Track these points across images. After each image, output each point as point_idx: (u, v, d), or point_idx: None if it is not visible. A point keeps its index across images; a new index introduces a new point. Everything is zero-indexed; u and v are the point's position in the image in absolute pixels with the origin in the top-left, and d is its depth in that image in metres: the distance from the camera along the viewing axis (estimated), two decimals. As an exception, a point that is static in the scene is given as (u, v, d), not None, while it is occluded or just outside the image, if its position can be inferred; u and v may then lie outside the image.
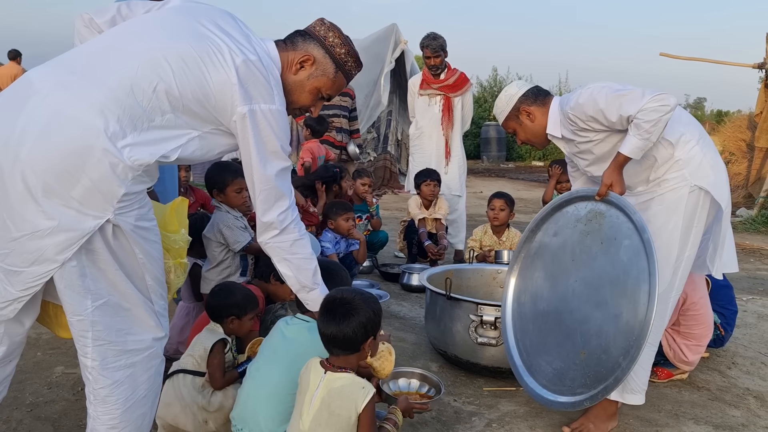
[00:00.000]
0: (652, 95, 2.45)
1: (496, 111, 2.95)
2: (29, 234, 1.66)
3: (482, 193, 10.92)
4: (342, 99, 6.41)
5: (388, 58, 9.66)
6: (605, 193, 2.59)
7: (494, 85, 20.29)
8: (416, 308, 4.29)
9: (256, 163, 1.93)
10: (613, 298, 2.53)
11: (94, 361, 1.80)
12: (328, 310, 2.00)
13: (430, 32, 5.44)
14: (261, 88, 1.89)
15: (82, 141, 1.65)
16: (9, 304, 1.75)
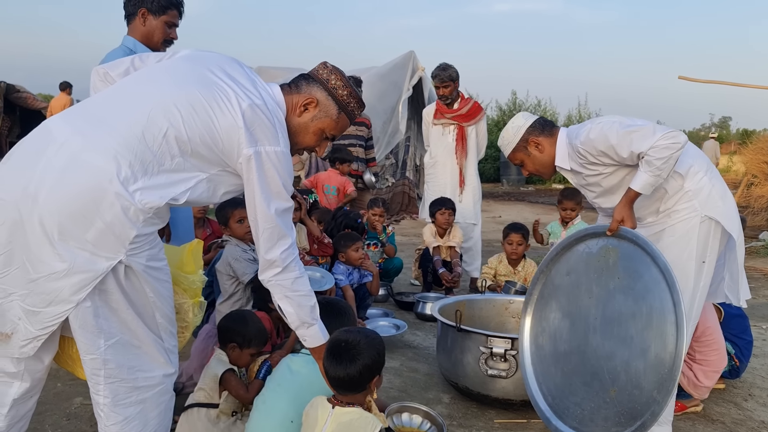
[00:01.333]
0: (663, 133, 2.49)
1: (503, 143, 2.98)
2: (46, 276, 1.75)
3: (501, 217, 10.91)
4: (358, 128, 6.50)
5: (406, 86, 9.77)
6: (617, 228, 2.60)
7: (513, 108, 20.37)
8: (430, 338, 4.30)
9: (260, 202, 2.00)
10: (638, 333, 2.51)
11: (106, 398, 1.87)
12: (334, 354, 2.05)
13: (440, 63, 5.52)
14: (266, 130, 1.97)
15: (96, 185, 1.75)
16: (29, 342, 1.84)
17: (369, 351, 2.04)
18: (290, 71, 11.99)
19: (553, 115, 20.78)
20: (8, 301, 1.82)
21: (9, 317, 1.83)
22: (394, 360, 3.81)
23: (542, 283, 2.93)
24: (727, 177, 13.85)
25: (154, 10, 2.80)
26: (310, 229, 4.41)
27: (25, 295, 1.79)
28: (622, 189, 2.69)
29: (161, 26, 2.82)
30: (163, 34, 2.84)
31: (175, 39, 2.91)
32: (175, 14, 2.87)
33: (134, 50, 2.75)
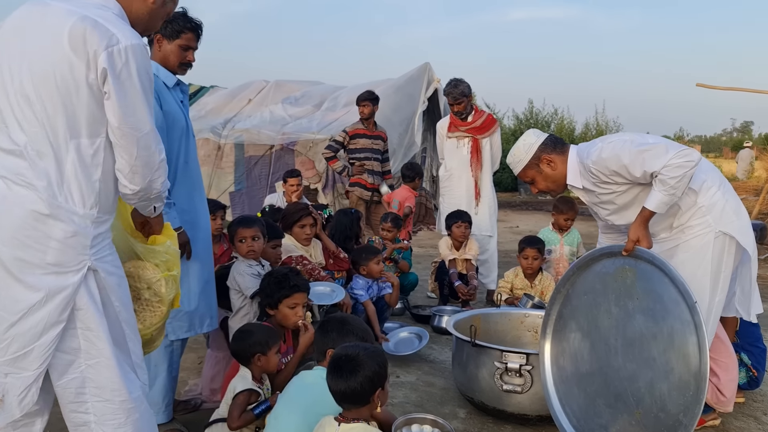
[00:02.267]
0: (676, 151, 2.49)
1: (513, 160, 2.97)
2: (26, 311, 1.74)
3: (518, 227, 10.89)
4: (374, 142, 6.56)
5: (421, 98, 9.81)
6: (632, 248, 2.58)
7: (530, 117, 20.33)
8: (446, 351, 4.31)
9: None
10: (660, 354, 2.48)
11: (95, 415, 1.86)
12: (335, 368, 2.09)
13: (451, 79, 5.57)
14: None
15: (29, 214, 1.74)
16: (27, 390, 1.79)
17: (369, 363, 2.07)
18: (307, 84, 12.13)
19: (570, 124, 20.70)
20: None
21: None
22: (410, 374, 3.82)
23: (560, 302, 2.92)
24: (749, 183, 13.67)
25: (168, 35, 2.84)
26: (326, 243, 4.45)
27: (6, 347, 1.76)
28: (636, 205, 2.69)
29: (176, 50, 2.86)
30: (178, 58, 2.88)
31: (192, 61, 2.94)
32: (190, 37, 2.89)
33: (157, 74, 2.80)
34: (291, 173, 6.46)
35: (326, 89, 11.60)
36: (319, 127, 9.92)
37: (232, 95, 12.14)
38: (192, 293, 2.88)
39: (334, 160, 6.56)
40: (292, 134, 9.97)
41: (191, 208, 2.87)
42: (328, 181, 9.49)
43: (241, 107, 11.57)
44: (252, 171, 10.16)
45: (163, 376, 2.87)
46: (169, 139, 2.78)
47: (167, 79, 2.86)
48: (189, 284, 2.87)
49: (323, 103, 10.94)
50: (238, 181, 10.28)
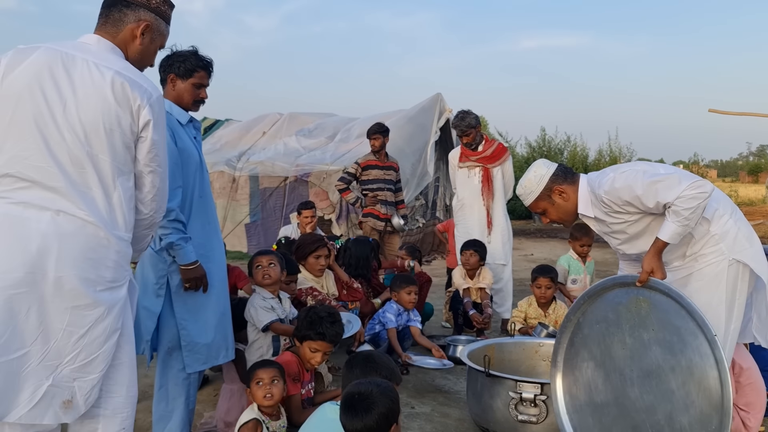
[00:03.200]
0: (689, 182, 2.49)
1: (524, 192, 2.96)
2: (92, 323, 1.99)
3: (533, 255, 10.86)
4: (386, 173, 6.63)
5: (434, 128, 9.91)
6: (646, 279, 2.57)
7: (543, 145, 20.36)
8: (461, 381, 4.29)
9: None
10: (679, 387, 2.46)
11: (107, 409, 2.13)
12: (349, 406, 2.10)
13: (459, 112, 5.64)
14: None
15: (92, 239, 2.00)
16: (91, 390, 2.03)
17: (383, 400, 2.08)
18: (320, 116, 12.30)
19: (583, 151, 20.69)
20: (58, 374, 1.96)
21: (64, 385, 1.98)
22: (426, 405, 3.81)
23: (570, 330, 2.90)
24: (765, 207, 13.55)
25: (181, 74, 2.93)
26: (339, 274, 4.49)
27: (76, 356, 1.98)
28: (647, 235, 2.70)
29: (189, 88, 2.94)
30: (191, 96, 2.96)
31: (205, 98, 3.02)
32: (202, 75, 2.97)
33: (171, 112, 2.88)
34: (305, 205, 6.53)
35: (339, 121, 11.75)
36: (333, 159, 10.03)
37: (246, 128, 12.34)
38: (208, 326, 2.92)
39: (347, 192, 6.63)
40: (305, 166, 10.09)
41: (206, 241, 2.93)
42: (342, 211, 9.56)
43: (255, 140, 11.74)
44: (267, 203, 10.26)
45: (180, 409, 2.89)
46: (184, 174, 2.85)
47: (180, 116, 2.94)
48: (206, 317, 2.91)
49: (336, 134, 11.08)
50: (253, 213, 10.39)
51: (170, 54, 2.97)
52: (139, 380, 3.80)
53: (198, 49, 2.99)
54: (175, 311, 2.85)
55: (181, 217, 2.78)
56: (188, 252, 2.79)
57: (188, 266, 2.80)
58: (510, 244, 5.87)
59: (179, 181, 2.82)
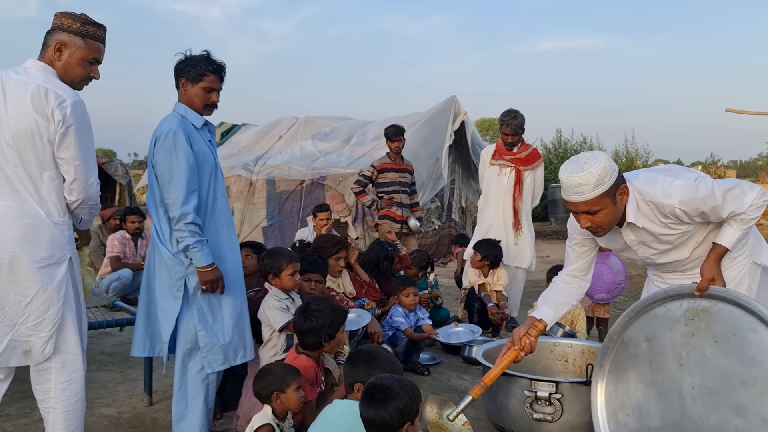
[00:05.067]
0: (757, 191, 2.50)
1: (593, 181, 2.45)
2: (34, 294, 2.54)
3: (549, 257, 10.83)
4: (401, 175, 6.67)
5: (448, 132, 9.93)
6: (707, 287, 2.46)
7: (558, 147, 20.28)
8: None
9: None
10: (753, 401, 2.32)
11: (57, 363, 2.65)
12: (368, 395, 2.14)
13: (510, 109, 5.61)
14: None
15: (28, 225, 2.53)
16: (46, 343, 2.58)
17: (402, 395, 2.11)
18: (336, 120, 12.38)
19: (599, 152, 20.59)
20: (16, 331, 2.55)
21: (22, 340, 2.56)
22: (441, 404, 3.84)
23: (614, 353, 2.77)
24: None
25: (192, 79, 2.97)
26: (360, 274, 4.54)
27: (26, 318, 2.55)
28: (687, 244, 2.66)
29: (200, 92, 2.98)
30: (202, 100, 3.00)
31: (216, 102, 3.05)
32: (213, 79, 3.01)
33: (186, 116, 2.96)
34: (320, 208, 6.60)
35: (354, 124, 11.82)
36: (348, 162, 10.09)
37: (263, 132, 12.45)
38: (226, 327, 2.97)
39: (362, 195, 6.69)
40: (321, 169, 10.17)
41: (220, 244, 2.99)
42: (357, 214, 9.62)
43: (272, 144, 11.84)
44: (283, 206, 10.35)
45: (199, 409, 2.94)
46: (200, 178, 2.92)
47: (195, 120, 2.99)
48: (222, 318, 2.97)
49: (352, 137, 11.15)
50: (270, 216, 10.48)
51: (183, 59, 3.02)
52: (159, 380, 3.92)
53: (210, 54, 3.03)
54: (193, 313, 2.90)
55: (197, 220, 2.84)
56: (205, 254, 2.84)
57: (205, 268, 2.85)
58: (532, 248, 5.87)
59: (195, 185, 2.88)
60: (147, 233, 6.97)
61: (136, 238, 6.72)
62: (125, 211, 6.82)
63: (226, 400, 3.29)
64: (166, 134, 2.86)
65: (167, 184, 2.84)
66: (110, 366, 4.49)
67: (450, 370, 4.56)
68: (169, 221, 2.89)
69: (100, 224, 7.53)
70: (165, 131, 2.86)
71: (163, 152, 2.85)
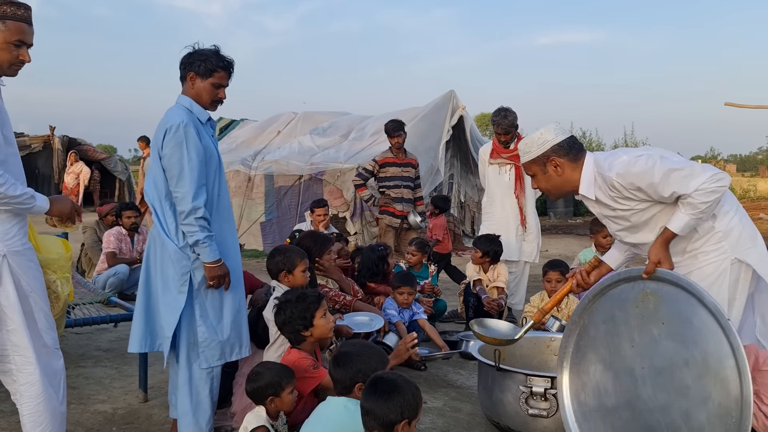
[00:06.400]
0: (710, 174, 2.42)
1: (525, 149, 2.82)
2: None
3: (547, 251, 10.79)
4: (404, 170, 6.64)
5: (446, 126, 9.90)
6: (653, 270, 2.49)
7: (558, 141, 20.28)
8: (474, 376, 4.30)
9: None
10: (695, 381, 2.36)
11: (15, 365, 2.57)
12: (373, 386, 2.15)
13: (501, 108, 5.54)
14: None
15: None
16: None
17: (405, 390, 2.11)
18: (334, 115, 12.35)
19: (599, 146, 20.58)
20: None
21: None
22: (437, 400, 3.84)
23: (576, 334, 2.83)
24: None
25: (201, 73, 2.92)
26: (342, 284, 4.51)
27: None
28: (650, 226, 2.65)
29: (209, 88, 2.94)
30: (210, 96, 2.96)
31: (223, 98, 3.02)
32: (222, 75, 2.97)
33: (191, 110, 2.92)
34: (318, 203, 6.58)
35: (353, 119, 11.79)
36: (347, 157, 10.07)
37: (261, 128, 12.42)
38: (225, 323, 2.96)
39: (362, 188, 6.67)
40: (320, 164, 10.15)
41: (222, 240, 2.96)
42: (356, 209, 9.60)
43: (270, 139, 11.82)
44: (282, 201, 10.34)
45: (206, 402, 2.94)
46: (207, 173, 2.88)
47: (200, 115, 2.95)
48: (222, 314, 2.96)
49: (350, 132, 11.12)
50: (268, 212, 10.47)
51: (192, 52, 2.96)
52: (154, 376, 3.90)
53: (220, 49, 2.98)
54: (195, 308, 2.89)
55: (206, 215, 2.81)
56: (213, 250, 2.82)
57: (213, 264, 2.83)
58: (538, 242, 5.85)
59: (204, 179, 2.85)
60: (144, 228, 6.96)
61: (132, 234, 6.72)
62: (121, 207, 6.81)
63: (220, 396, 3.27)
64: (177, 126, 2.80)
65: (177, 178, 2.79)
66: (106, 362, 4.48)
67: (447, 365, 4.55)
68: (174, 215, 2.85)
69: (97, 220, 7.52)
70: (176, 123, 2.81)
71: (174, 145, 2.79)
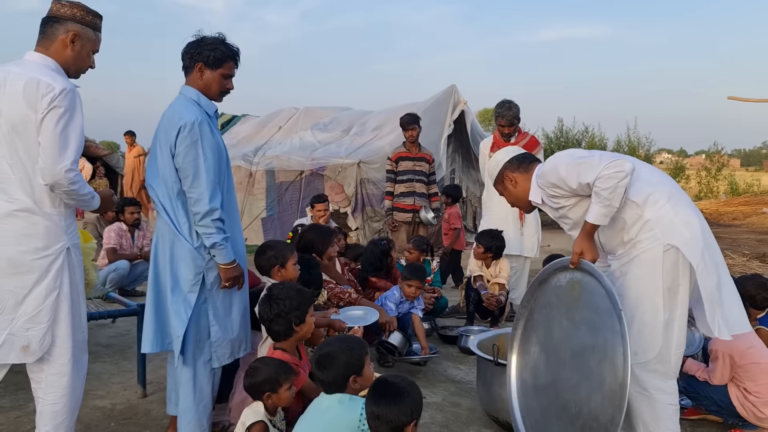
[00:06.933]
0: (607, 162, 2.51)
1: (490, 173, 3.12)
2: (32, 286, 2.55)
3: (549, 246, 10.77)
4: (416, 164, 6.61)
5: (447, 120, 9.85)
6: (577, 261, 2.66)
7: (560, 136, 20.19)
8: (473, 372, 4.29)
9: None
10: (597, 365, 2.55)
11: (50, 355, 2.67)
12: (378, 391, 2.14)
13: (504, 100, 5.54)
14: None
15: (23, 218, 2.54)
16: (43, 335, 2.58)
17: (413, 394, 2.14)
18: (336, 110, 12.32)
19: (601, 141, 20.48)
20: (14, 325, 2.55)
21: (20, 334, 2.56)
22: (437, 395, 3.83)
23: (525, 317, 3.01)
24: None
25: (211, 64, 2.86)
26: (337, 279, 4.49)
27: (24, 311, 2.55)
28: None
29: (218, 78, 2.89)
30: (219, 86, 2.91)
31: (231, 89, 2.98)
32: (231, 66, 2.92)
33: (199, 102, 2.86)
34: (318, 198, 6.57)
35: (354, 114, 11.76)
36: (348, 152, 10.05)
37: (262, 123, 12.39)
38: (235, 321, 2.96)
39: (389, 197, 6.68)
40: (321, 159, 10.12)
41: (233, 236, 2.92)
42: (357, 204, 9.59)
43: (271, 134, 11.79)
44: (283, 197, 10.32)
45: (207, 399, 2.94)
46: (219, 167, 2.84)
47: (208, 107, 2.90)
48: (232, 312, 2.95)
49: (351, 128, 11.09)
50: (269, 207, 10.45)
51: (197, 41, 2.88)
52: (153, 372, 3.91)
53: (226, 37, 2.91)
54: (207, 307, 2.87)
55: (223, 216, 2.77)
56: (229, 251, 2.80)
57: (228, 265, 2.82)
58: (538, 237, 5.82)
59: (218, 179, 2.82)
60: (144, 224, 6.96)
61: (133, 230, 6.71)
62: (123, 202, 6.79)
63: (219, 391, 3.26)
64: (192, 125, 2.73)
65: (192, 178, 2.74)
66: (105, 357, 4.48)
67: (446, 360, 4.55)
68: (187, 214, 2.81)
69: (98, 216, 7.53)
70: (191, 121, 2.73)
71: (188, 144, 2.73)
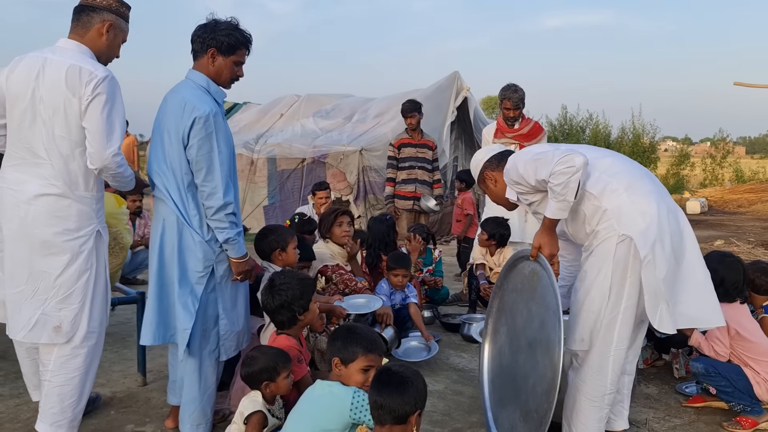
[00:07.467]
0: (557, 158, 2.51)
1: (472, 173, 3.13)
2: (64, 266, 2.62)
3: (553, 234, 10.76)
4: (419, 151, 6.56)
5: (451, 107, 9.78)
6: (536, 254, 2.70)
7: (564, 123, 20.09)
8: (476, 360, 4.27)
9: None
10: (542, 358, 2.59)
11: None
12: (383, 382, 2.10)
13: (510, 84, 5.49)
14: None
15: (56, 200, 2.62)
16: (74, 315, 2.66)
17: (417, 383, 2.10)
18: (337, 97, 12.25)
19: (606, 128, 20.38)
20: (47, 306, 2.61)
21: (52, 314, 2.61)
22: (439, 383, 3.80)
23: (498, 298, 3.11)
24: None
25: (224, 50, 2.79)
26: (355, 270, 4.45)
27: (56, 292, 2.61)
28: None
29: (230, 65, 2.82)
30: (231, 73, 2.85)
31: (241, 76, 2.92)
32: (243, 53, 2.86)
33: (208, 89, 2.80)
34: (319, 186, 6.53)
35: (356, 101, 11.69)
36: (350, 139, 9.99)
37: (264, 111, 12.33)
38: (240, 313, 2.96)
39: (391, 183, 6.63)
40: (323, 147, 10.07)
41: None
42: (359, 192, 9.55)
43: (273, 122, 11.74)
44: (285, 184, 10.29)
45: (211, 389, 2.94)
46: (231, 159, 2.81)
47: (218, 95, 2.84)
48: (237, 304, 2.94)
49: (353, 115, 11.03)
50: (271, 195, 10.42)
51: (210, 25, 2.80)
52: (153, 360, 3.89)
53: (239, 23, 2.83)
54: (216, 300, 2.85)
55: (236, 210, 2.74)
56: (242, 245, 2.78)
57: (240, 259, 2.79)
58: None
59: (231, 172, 2.78)
60: (146, 213, 6.92)
61: (134, 218, 6.67)
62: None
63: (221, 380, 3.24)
64: (207, 116, 2.67)
65: (205, 171, 2.69)
66: (105, 345, 4.38)
67: (449, 348, 4.52)
68: (198, 206, 2.76)
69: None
70: (206, 113, 2.67)
71: (203, 136, 2.67)
